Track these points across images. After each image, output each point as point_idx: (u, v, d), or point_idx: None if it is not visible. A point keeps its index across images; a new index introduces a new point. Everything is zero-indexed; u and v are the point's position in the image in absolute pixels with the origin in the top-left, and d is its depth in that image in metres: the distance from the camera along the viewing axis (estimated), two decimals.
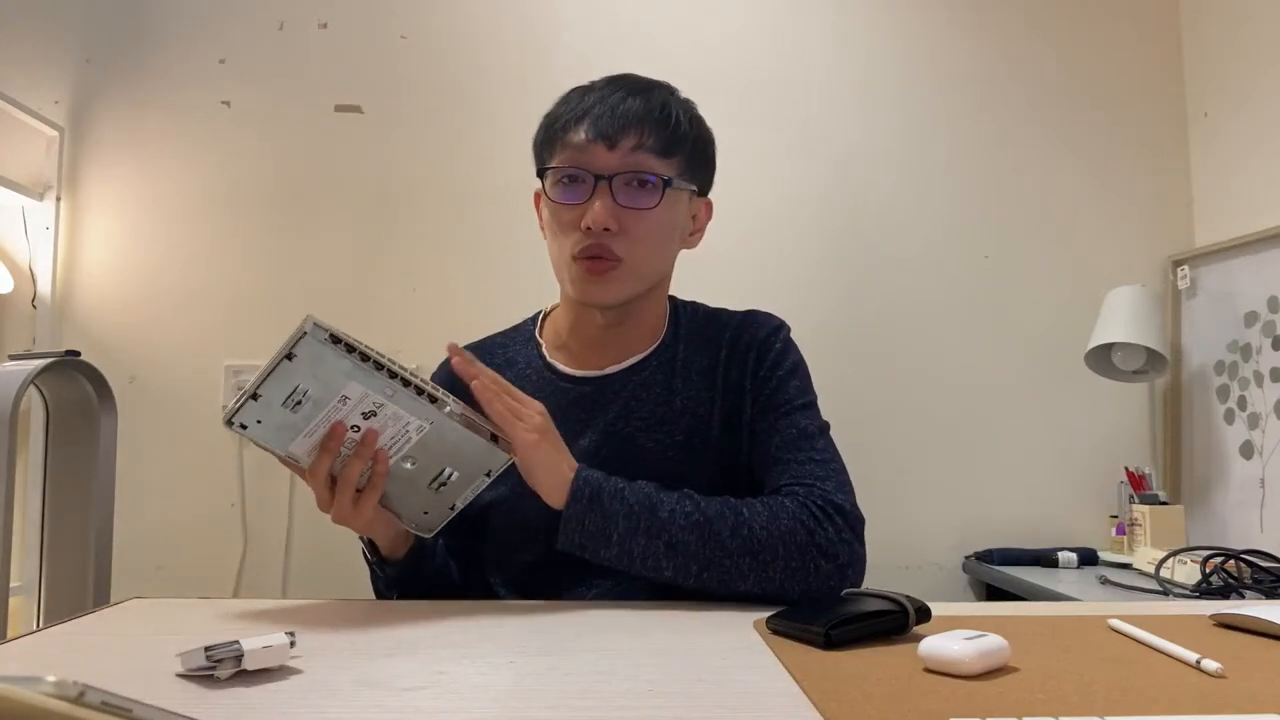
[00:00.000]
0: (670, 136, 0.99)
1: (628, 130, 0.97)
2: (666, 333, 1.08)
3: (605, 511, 0.88)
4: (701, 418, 1.03)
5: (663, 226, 1.01)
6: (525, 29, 2.12)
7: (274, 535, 1.99)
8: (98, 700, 0.33)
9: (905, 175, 2.15)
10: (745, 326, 1.08)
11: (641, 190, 0.98)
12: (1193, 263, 2.10)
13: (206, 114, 2.07)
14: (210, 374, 2.01)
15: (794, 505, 0.91)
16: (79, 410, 1.44)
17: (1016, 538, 2.03)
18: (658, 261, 1.04)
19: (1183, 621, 0.78)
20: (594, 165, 0.97)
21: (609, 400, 1.04)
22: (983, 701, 0.55)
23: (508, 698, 0.58)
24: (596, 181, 0.97)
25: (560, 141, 1.00)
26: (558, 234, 1.01)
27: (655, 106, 0.99)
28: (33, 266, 1.99)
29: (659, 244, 1.02)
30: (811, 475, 0.96)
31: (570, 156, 0.99)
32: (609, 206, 0.96)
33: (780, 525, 0.89)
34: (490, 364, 1.07)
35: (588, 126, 0.97)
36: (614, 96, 0.99)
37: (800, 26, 2.16)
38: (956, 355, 2.12)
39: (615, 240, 0.97)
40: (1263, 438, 1.88)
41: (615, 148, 0.97)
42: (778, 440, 0.99)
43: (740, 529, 0.88)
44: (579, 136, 0.98)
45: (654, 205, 0.98)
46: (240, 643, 0.60)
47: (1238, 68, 2.04)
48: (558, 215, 1.00)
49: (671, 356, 1.06)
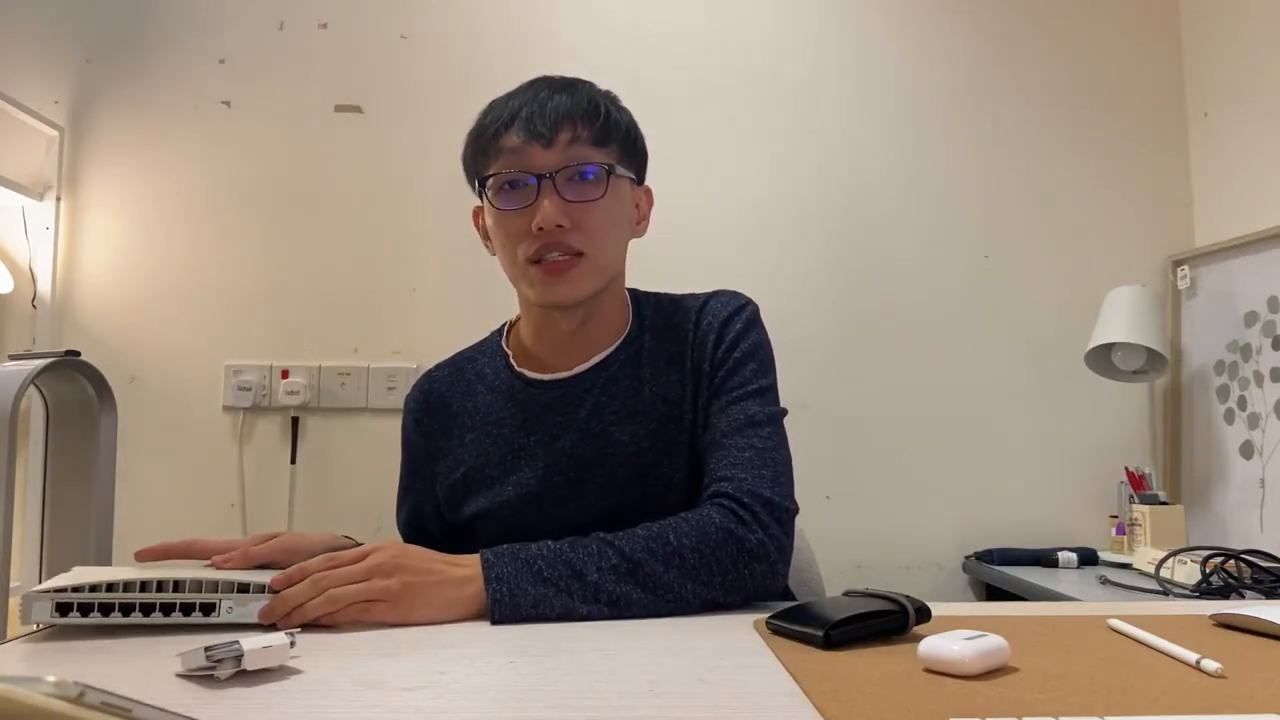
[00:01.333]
0: (603, 126, 0.98)
1: (561, 125, 0.96)
2: (631, 325, 1.07)
3: (534, 598, 0.81)
4: (674, 404, 1.02)
5: (613, 215, 1.00)
6: (525, 29, 2.12)
7: None
8: (98, 700, 0.33)
9: (905, 175, 2.15)
10: (708, 308, 1.06)
11: (585, 182, 0.97)
12: (1193, 263, 2.10)
13: (206, 114, 2.07)
14: (210, 374, 2.01)
15: (720, 515, 0.89)
16: (79, 410, 1.44)
17: (1016, 538, 2.04)
18: (614, 251, 1.03)
19: (1183, 621, 0.78)
20: (533, 166, 0.96)
21: (580, 399, 1.03)
22: (983, 701, 0.55)
23: (508, 698, 0.58)
24: (540, 181, 0.96)
25: (494, 149, 0.98)
26: (506, 243, 0.99)
27: (582, 100, 0.98)
28: (33, 266, 1.99)
29: (613, 233, 1.01)
30: (746, 464, 0.94)
31: (507, 161, 0.97)
32: (557, 204, 0.95)
33: (710, 541, 0.87)
34: (461, 380, 1.10)
35: (519, 129, 0.96)
36: (540, 96, 0.98)
37: (800, 27, 2.16)
38: (956, 355, 2.12)
39: (570, 236, 0.96)
40: (1263, 438, 1.88)
41: (552, 144, 0.96)
42: (723, 426, 0.98)
43: (672, 559, 0.85)
44: (513, 140, 0.96)
45: (601, 196, 0.97)
46: (240, 643, 0.60)
47: (1238, 68, 2.04)
48: (504, 224, 0.98)
49: (638, 348, 1.05)
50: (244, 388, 1.99)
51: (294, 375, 2.00)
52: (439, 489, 1.09)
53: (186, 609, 0.74)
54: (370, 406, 2.02)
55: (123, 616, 0.73)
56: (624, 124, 1.02)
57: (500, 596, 0.80)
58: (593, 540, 0.86)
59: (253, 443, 2.02)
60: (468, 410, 1.08)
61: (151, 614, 0.73)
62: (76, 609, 0.72)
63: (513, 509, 1.00)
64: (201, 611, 0.74)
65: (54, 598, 0.72)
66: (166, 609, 0.73)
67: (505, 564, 0.82)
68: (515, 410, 1.04)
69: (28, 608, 0.71)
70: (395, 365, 2.03)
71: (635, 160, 1.04)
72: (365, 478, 2.00)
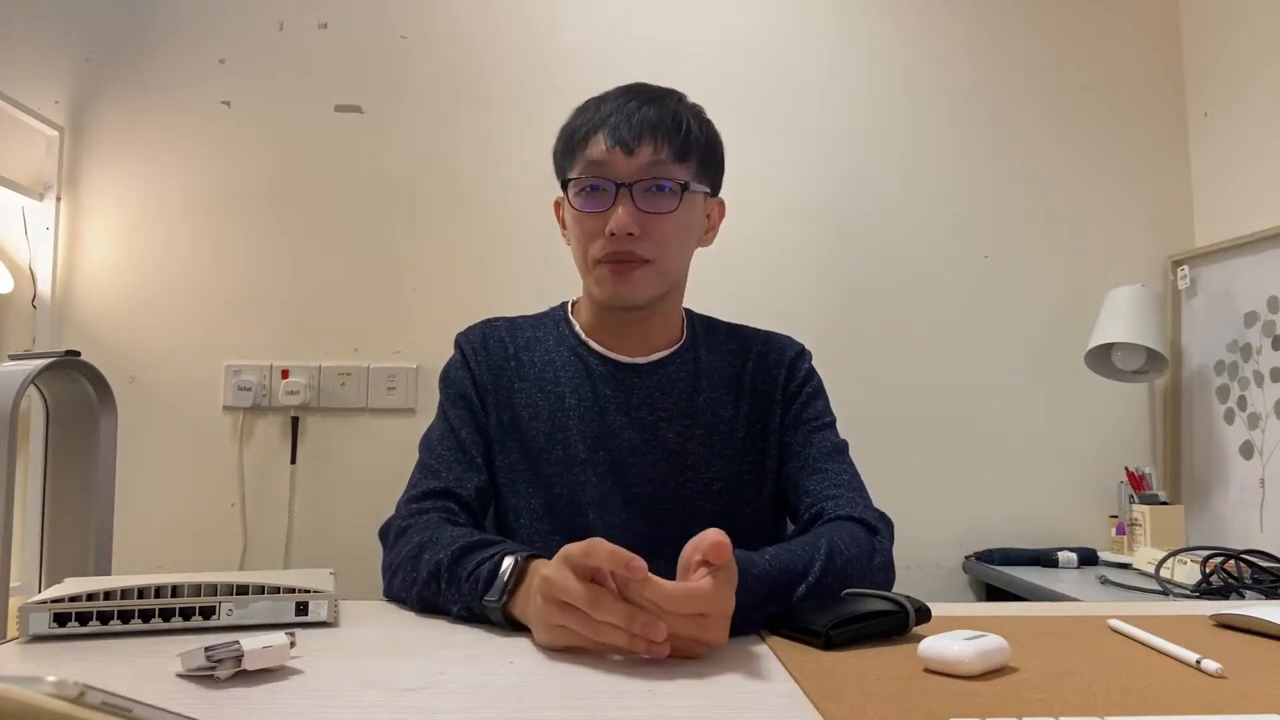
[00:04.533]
0: (684, 142, 1.03)
1: (644, 138, 1.01)
2: (686, 337, 1.14)
3: None
4: (723, 419, 1.09)
5: (682, 227, 1.06)
6: (525, 29, 2.12)
7: (274, 535, 1.99)
8: (98, 700, 0.33)
9: (905, 175, 2.15)
10: (773, 345, 1.15)
11: (660, 195, 1.03)
12: (1193, 263, 2.09)
13: (206, 114, 2.07)
14: (210, 374, 2.01)
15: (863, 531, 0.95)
16: (79, 410, 1.44)
17: (1016, 538, 2.03)
18: (680, 261, 1.09)
19: (1183, 621, 0.78)
20: (614, 174, 1.01)
21: (634, 387, 1.08)
22: (983, 701, 0.55)
23: (508, 698, 0.58)
24: (618, 189, 1.01)
25: (580, 152, 1.04)
26: (581, 240, 1.05)
27: (668, 114, 1.03)
28: (33, 266, 1.99)
29: (680, 244, 1.07)
30: (848, 486, 1.04)
31: (590, 166, 1.03)
32: (631, 212, 1.01)
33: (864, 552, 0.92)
34: (520, 334, 1.13)
35: (606, 136, 1.02)
36: (628, 106, 1.03)
37: (800, 28, 2.16)
38: (956, 355, 2.11)
39: (639, 243, 1.01)
40: (1263, 438, 1.88)
41: (633, 155, 1.01)
42: (813, 452, 1.08)
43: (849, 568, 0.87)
44: (599, 147, 1.02)
45: (674, 209, 1.03)
46: (240, 643, 0.60)
47: (1238, 68, 2.04)
48: (581, 223, 1.04)
49: (695, 357, 1.12)
50: (244, 388, 1.99)
51: (294, 375, 2.00)
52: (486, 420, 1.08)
53: (186, 613, 0.74)
54: (370, 406, 2.02)
55: (122, 624, 0.73)
56: (705, 139, 1.07)
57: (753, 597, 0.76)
58: (800, 545, 0.87)
59: (253, 443, 2.01)
60: (521, 361, 1.11)
61: (151, 620, 0.73)
62: (75, 619, 0.72)
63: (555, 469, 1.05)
64: (201, 615, 0.74)
65: (51, 608, 0.72)
66: (166, 614, 0.73)
67: (752, 580, 0.77)
68: (572, 373, 1.09)
69: (25, 620, 0.71)
70: (395, 365, 2.02)
71: (712, 174, 1.10)
72: (365, 478, 2.00)
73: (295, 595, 0.76)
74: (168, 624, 0.73)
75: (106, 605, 0.72)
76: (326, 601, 0.77)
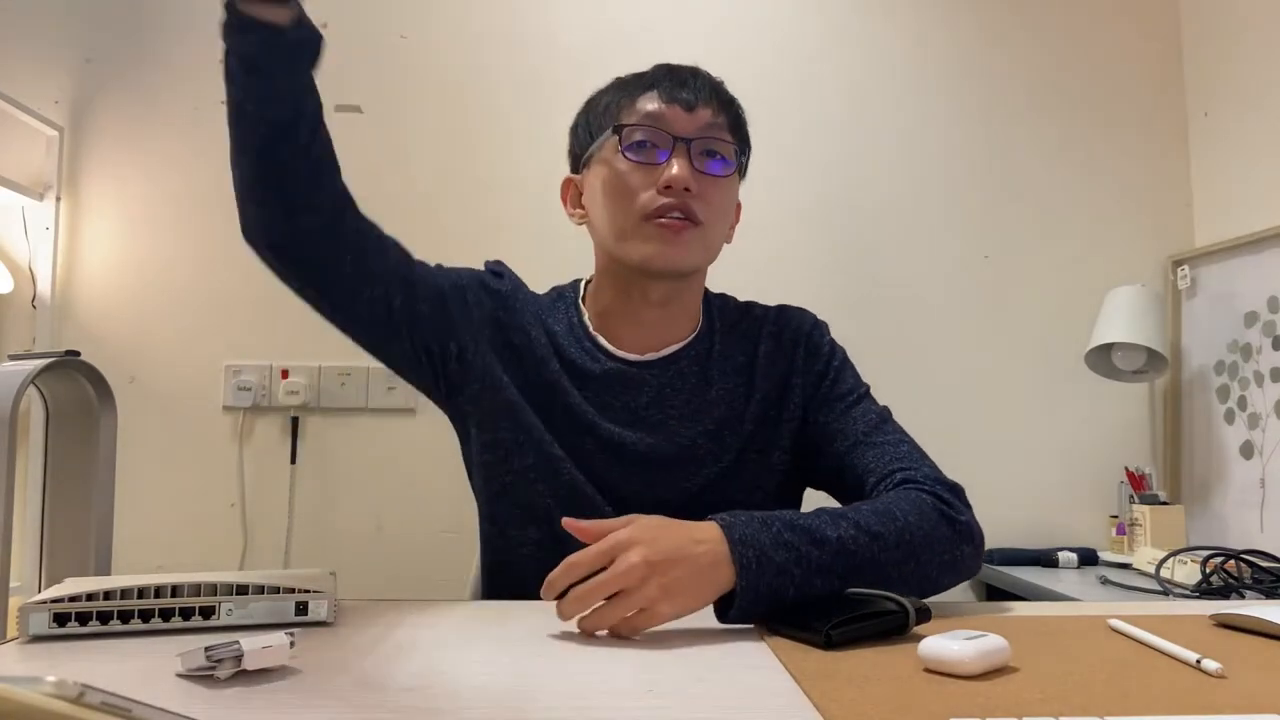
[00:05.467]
0: (736, 117, 1.01)
1: (705, 98, 0.97)
2: (703, 324, 1.07)
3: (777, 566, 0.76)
4: (735, 410, 1.03)
5: (730, 198, 1.02)
6: (525, 29, 2.12)
7: (274, 535, 1.99)
8: (98, 700, 0.33)
9: (905, 175, 2.15)
10: (784, 321, 1.08)
11: (714, 159, 0.98)
12: (1193, 263, 2.09)
13: (206, 114, 2.06)
14: (210, 374, 2.01)
15: (930, 498, 0.89)
16: (79, 410, 1.44)
17: (1016, 538, 2.03)
18: (722, 235, 1.03)
19: (1183, 621, 0.78)
20: (674, 128, 0.96)
21: (642, 384, 1.02)
22: (983, 701, 0.55)
23: (508, 698, 0.57)
24: (675, 143, 0.95)
25: (634, 102, 0.98)
26: (625, 194, 0.96)
27: (722, 88, 1.01)
28: (33, 266, 1.99)
29: (725, 217, 1.02)
30: (909, 456, 0.97)
31: (647, 117, 0.97)
32: (689, 168, 0.95)
33: (929, 520, 0.86)
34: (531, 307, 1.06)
35: (665, 90, 0.97)
36: (683, 71, 1.00)
37: (799, 28, 2.16)
38: (956, 355, 2.11)
39: (695, 202, 0.95)
40: (1263, 438, 1.88)
41: (694, 112, 0.97)
42: (861, 427, 1.01)
43: (903, 535, 0.82)
44: (656, 99, 0.97)
45: (729, 174, 0.99)
46: (240, 642, 0.60)
47: (1238, 68, 2.04)
48: (627, 177, 0.96)
49: (708, 348, 1.06)
50: (244, 388, 1.99)
51: (294, 375, 2.00)
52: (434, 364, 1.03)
53: (186, 613, 0.74)
54: (370, 406, 2.02)
55: (121, 624, 0.73)
56: (744, 123, 1.04)
57: (747, 561, 0.74)
58: (820, 511, 0.82)
59: (253, 443, 2.01)
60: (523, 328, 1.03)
61: (151, 620, 0.73)
62: (75, 619, 0.72)
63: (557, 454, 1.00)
64: (201, 615, 0.74)
65: (51, 608, 0.72)
66: (166, 614, 0.73)
67: (750, 534, 0.76)
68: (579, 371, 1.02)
69: (25, 620, 0.71)
70: None
71: (744, 162, 1.06)
72: (365, 478, 2.00)
73: (295, 595, 0.76)
74: (168, 624, 0.73)
75: (106, 605, 0.72)
76: (326, 601, 0.77)
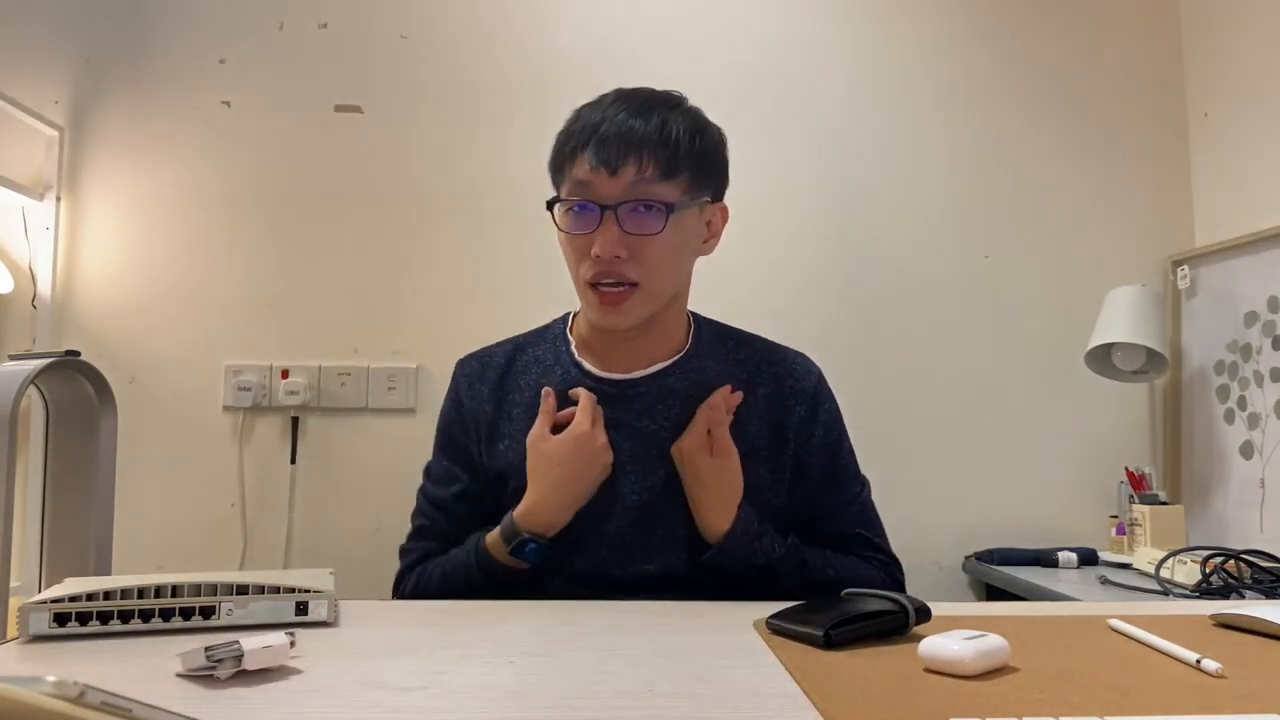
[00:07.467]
0: (670, 159, 1.00)
1: (628, 158, 0.98)
2: (690, 345, 1.12)
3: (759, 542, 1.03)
4: None
5: (672, 247, 1.03)
6: (525, 29, 2.11)
7: (274, 535, 1.99)
8: (98, 700, 0.33)
9: (905, 176, 2.15)
10: (790, 369, 1.14)
11: (647, 214, 1.00)
12: (1193, 263, 2.09)
13: (206, 114, 2.06)
14: (210, 374, 2.01)
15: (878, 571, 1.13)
16: (79, 410, 1.44)
17: (1016, 538, 2.03)
18: (671, 280, 1.07)
19: (1183, 621, 0.78)
20: (599, 195, 0.99)
21: (632, 400, 1.07)
22: (983, 701, 0.55)
23: (508, 698, 0.58)
24: (603, 211, 0.99)
25: (567, 172, 1.03)
26: (570, 260, 1.05)
27: (655, 129, 1.00)
28: (33, 266, 1.99)
29: (670, 264, 1.04)
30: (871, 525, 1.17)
31: (575, 188, 1.02)
32: (616, 235, 0.99)
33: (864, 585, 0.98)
34: (519, 359, 1.14)
35: (590, 155, 0.99)
36: (618, 118, 1.00)
37: (797, 29, 2.16)
38: (956, 355, 2.11)
39: (627, 266, 1.00)
40: (1263, 438, 1.88)
41: (617, 175, 0.98)
42: (849, 515, 1.15)
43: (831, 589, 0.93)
44: (583, 167, 1.00)
45: (659, 230, 1.00)
46: (240, 642, 0.60)
47: (1238, 68, 2.04)
48: (566, 246, 1.05)
49: (698, 368, 1.10)
50: (244, 388, 1.99)
51: (294, 375, 2.00)
52: (481, 454, 1.11)
53: (186, 613, 0.74)
54: (370, 406, 2.02)
55: (122, 624, 0.73)
56: (700, 148, 1.03)
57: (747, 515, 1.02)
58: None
59: (253, 443, 2.01)
60: (519, 387, 1.11)
61: (151, 620, 0.73)
62: (75, 619, 0.72)
63: None
64: (201, 615, 0.74)
65: (51, 608, 0.72)
66: (166, 614, 0.73)
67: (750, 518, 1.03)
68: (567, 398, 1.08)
69: (25, 620, 0.71)
70: (395, 365, 2.02)
71: (710, 182, 1.07)
72: (365, 478, 2.00)
73: (295, 595, 0.76)
74: (168, 624, 0.73)
75: (106, 605, 0.73)
76: (326, 601, 0.77)
